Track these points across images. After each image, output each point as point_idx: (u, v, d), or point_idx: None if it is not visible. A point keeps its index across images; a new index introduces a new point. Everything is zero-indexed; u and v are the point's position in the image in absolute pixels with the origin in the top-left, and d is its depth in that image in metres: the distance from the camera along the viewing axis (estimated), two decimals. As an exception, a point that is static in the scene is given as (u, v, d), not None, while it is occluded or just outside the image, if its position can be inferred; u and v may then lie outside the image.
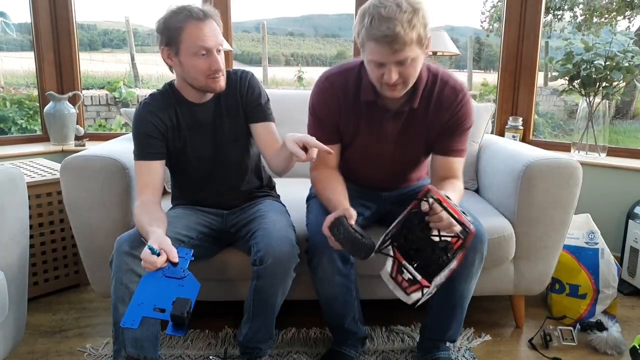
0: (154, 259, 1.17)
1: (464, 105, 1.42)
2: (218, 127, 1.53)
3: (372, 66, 1.29)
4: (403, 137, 1.48)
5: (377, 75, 1.30)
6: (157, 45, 1.43)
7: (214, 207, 1.60)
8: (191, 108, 1.50)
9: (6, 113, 4.43)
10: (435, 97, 1.42)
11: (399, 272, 1.25)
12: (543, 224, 1.69)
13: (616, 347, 1.69)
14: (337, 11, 14.11)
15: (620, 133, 6.72)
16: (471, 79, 8.43)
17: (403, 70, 1.26)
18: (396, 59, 1.23)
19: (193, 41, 1.35)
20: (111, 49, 9.30)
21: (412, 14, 1.20)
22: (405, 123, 1.45)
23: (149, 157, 1.45)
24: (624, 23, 8.56)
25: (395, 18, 1.18)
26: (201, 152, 1.53)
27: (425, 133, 1.47)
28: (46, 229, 2.02)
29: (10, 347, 1.46)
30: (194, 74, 1.40)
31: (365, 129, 1.47)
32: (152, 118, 1.46)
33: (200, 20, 1.36)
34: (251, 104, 1.53)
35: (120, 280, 1.28)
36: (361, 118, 1.45)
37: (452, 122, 1.43)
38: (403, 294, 1.24)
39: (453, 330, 1.53)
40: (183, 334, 1.13)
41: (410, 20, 1.19)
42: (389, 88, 1.31)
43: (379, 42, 1.21)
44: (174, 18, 1.36)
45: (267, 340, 1.52)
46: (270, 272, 1.35)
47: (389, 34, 1.19)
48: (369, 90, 1.40)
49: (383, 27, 1.19)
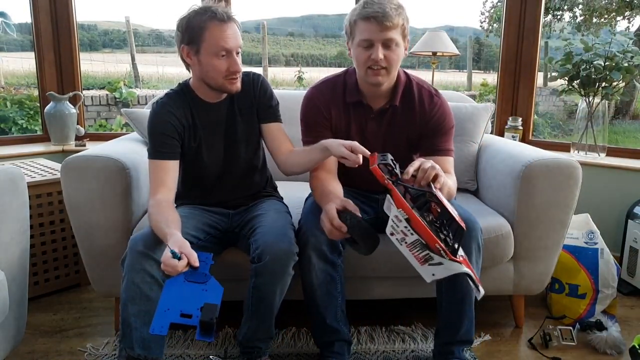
0: (175, 263, 1.17)
1: (440, 107, 1.56)
2: (231, 126, 1.56)
3: (360, 49, 1.43)
4: (387, 136, 1.58)
5: (364, 58, 1.43)
6: (176, 43, 1.46)
7: (221, 206, 1.62)
8: (206, 107, 1.53)
9: (7, 113, 4.43)
10: (413, 98, 1.56)
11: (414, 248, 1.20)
12: (543, 224, 1.69)
13: (616, 347, 1.69)
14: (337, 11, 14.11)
15: (620, 133, 6.72)
16: (471, 79, 8.44)
17: (388, 54, 1.42)
18: (383, 37, 1.39)
19: (215, 41, 1.39)
20: (111, 49, 9.31)
21: (398, 6, 1.42)
22: (388, 122, 1.57)
23: (165, 156, 1.47)
24: (624, 23, 8.56)
25: (385, 3, 1.39)
26: (214, 151, 1.56)
27: (407, 133, 1.58)
28: (46, 229, 2.03)
29: (11, 346, 1.46)
30: (212, 74, 1.44)
31: (353, 130, 1.57)
32: (170, 117, 1.48)
33: (224, 22, 1.40)
34: (264, 104, 1.59)
35: (132, 280, 1.29)
36: (350, 120, 1.57)
37: (431, 124, 1.55)
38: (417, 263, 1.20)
39: (465, 327, 1.50)
40: (212, 340, 1.13)
41: (397, 9, 1.40)
42: (374, 73, 1.44)
43: (370, 20, 1.39)
44: (197, 17, 1.40)
45: (266, 340, 1.52)
46: (269, 269, 1.36)
47: (380, 11, 1.38)
48: (354, 91, 1.55)
49: (375, 6, 1.39)
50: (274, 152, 1.60)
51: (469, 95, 4.28)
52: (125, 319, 1.29)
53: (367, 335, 1.77)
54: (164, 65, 7.47)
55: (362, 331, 1.80)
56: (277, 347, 1.70)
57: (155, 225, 1.34)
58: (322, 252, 1.43)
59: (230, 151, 1.57)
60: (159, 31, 9.45)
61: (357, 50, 1.44)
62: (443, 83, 8.32)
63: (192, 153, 1.54)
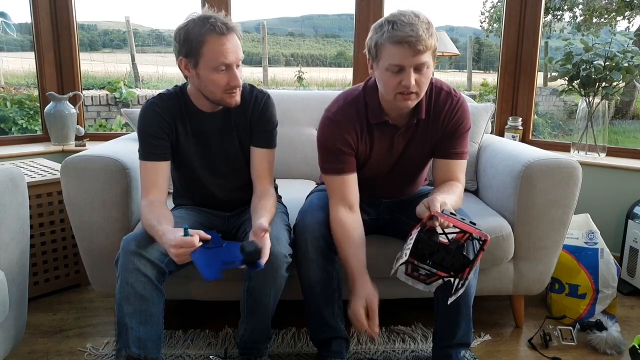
0: (189, 239, 1.20)
1: (459, 108, 1.47)
2: (223, 138, 1.52)
3: (389, 74, 1.31)
4: (411, 148, 1.51)
5: (394, 84, 1.32)
6: (174, 53, 1.40)
7: (217, 208, 1.61)
8: (199, 116, 1.49)
9: (7, 113, 4.43)
10: (433, 105, 1.47)
11: (414, 271, 1.30)
12: (543, 224, 1.69)
13: (615, 347, 1.69)
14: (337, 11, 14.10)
15: (620, 133, 6.72)
16: (471, 79, 8.43)
17: (419, 78, 1.31)
18: (416, 62, 1.28)
19: (214, 56, 1.32)
20: (111, 49, 9.30)
21: (429, 24, 1.29)
22: (414, 134, 1.49)
23: (154, 157, 1.45)
24: (624, 23, 8.56)
25: (417, 24, 1.26)
26: (204, 160, 1.53)
27: (430, 141, 1.51)
28: (46, 228, 2.03)
29: (11, 346, 1.46)
30: (211, 88, 1.38)
31: (377, 148, 1.50)
32: (158, 119, 1.45)
33: (223, 35, 1.32)
34: (259, 127, 1.52)
35: (126, 280, 1.28)
36: (374, 140, 1.48)
37: (450, 126, 1.48)
38: (423, 285, 1.31)
39: (463, 330, 1.49)
40: (262, 267, 1.24)
41: (428, 29, 1.28)
42: (404, 98, 1.34)
43: (402, 44, 1.26)
44: (195, 30, 1.32)
45: (264, 340, 1.52)
46: (261, 273, 1.34)
47: (413, 35, 1.25)
48: (378, 112, 1.44)
49: (407, 29, 1.25)
50: (251, 176, 1.55)
51: (469, 95, 4.29)
52: (120, 319, 1.29)
53: (367, 335, 1.77)
54: (164, 65, 7.46)
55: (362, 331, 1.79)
56: (277, 347, 1.70)
57: (148, 223, 1.34)
58: (321, 248, 1.43)
59: (222, 161, 1.54)
60: (159, 31, 9.45)
61: (385, 74, 1.32)
62: (443, 83, 8.30)
63: (181, 157, 1.52)
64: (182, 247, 1.20)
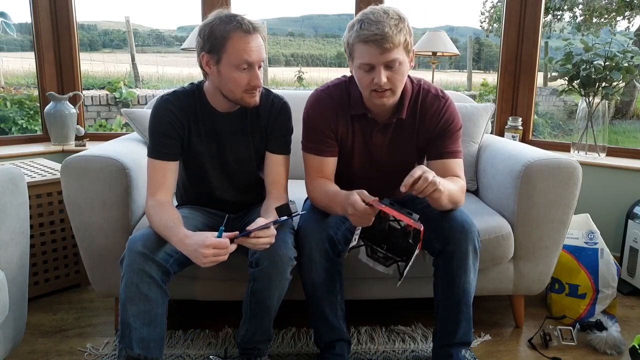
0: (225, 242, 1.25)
1: (447, 109, 1.50)
2: (237, 139, 1.51)
3: (362, 72, 1.36)
4: (393, 147, 1.54)
5: (366, 81, 1.36)
6: (196, 49, 1.39)
7: (221, 210, 1.61)
8: (214, 116, 1.48)
9: (7, 113, 4.43)
10: (420, 107, 1.49)
11: (374, 253, 1.40)
12: (543, 224, 1.69)
13: (616, 347, 1.69)
14: (337, 11, 14.09)
15: (620, 133, 6.72)
16: (471, 79, 8.43)
17: (391, 75, 1.34)
18: (385, 59, 1.31)
19: (237, 53, 1.32)
20: (111, 49, 9.29)
21: (398, 20, 1.31)
22: (394, 134, 1.52)
23: (165, 157, 1.44)
24: (624, 23, 8.56)
25: (384, 21, 1.29)
26: (216, 161, 1.52)
27: (415, 143, 1.53)
28: (46, 229, 2.03)
29: (11, 346, 1.46)
30: (231, 86, 1.37)
31: (357, 141, 1.53)
32: (171, 117, 1.43)
33: (249, 34, 1.33)
34: (275, 132, 1.53)
35: (131, 280, 1.28)
36: (354, 131, 1.52)
37: (439, 127, 1.50)
38: (383, 267, 1.40)
39: (463, 329, 1.49)
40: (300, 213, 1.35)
41: (397, 25, 1.30)
42: (378, 95, 1.37)
43: (369, 43, 1.29)
44: (221, 26, 1.32)
45: (265, 341, 1.52)
46: (266, 274, 1.35)
47: (378, 33, 1.28)
48: (359, 105, 1.48)
49: (372, 27, 1.28)
50: (265, 181, 1.56)
51: (469, 95, 4.28)
52: (124, 319, 1.29)
53: (367, 335, 1.77)
54: (164, 65, 7.46)
55: (362, 331, 1.80)
56: (277, 347, 1.70)
57: (163, 224, 1.33)
58: (325, 250, 1.43)
59: (234, 164, 1.53)
60: (159, 31, 9.45)
61: (359, 72, 1.37)
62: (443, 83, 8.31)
63: (191, 157, 1.51)
64: (216, 247, 1.23)
